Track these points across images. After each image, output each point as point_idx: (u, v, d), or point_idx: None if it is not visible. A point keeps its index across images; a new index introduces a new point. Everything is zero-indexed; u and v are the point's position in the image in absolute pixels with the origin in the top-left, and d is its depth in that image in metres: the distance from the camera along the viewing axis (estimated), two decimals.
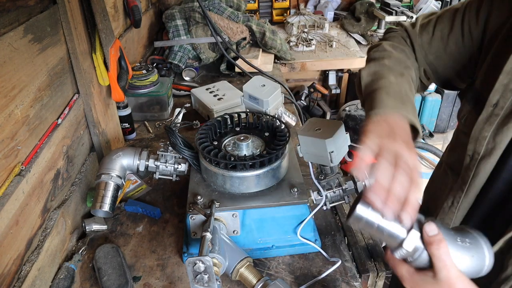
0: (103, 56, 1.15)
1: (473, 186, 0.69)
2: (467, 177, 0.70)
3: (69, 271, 0.95)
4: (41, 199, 0.92)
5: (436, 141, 2.67)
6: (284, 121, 1.09)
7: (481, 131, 0.67)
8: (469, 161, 0.70)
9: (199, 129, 1.02)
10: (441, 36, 0.82)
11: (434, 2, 2.88)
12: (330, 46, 2.66)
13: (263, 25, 2.13)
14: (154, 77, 1.56)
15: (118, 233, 1.08)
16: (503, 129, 0.64)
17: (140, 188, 1.23)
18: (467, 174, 0.70)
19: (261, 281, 0.83)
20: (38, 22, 0.92)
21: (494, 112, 0.65)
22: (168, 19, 2.05)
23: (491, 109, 0.66)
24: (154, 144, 1.47)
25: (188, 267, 0.75)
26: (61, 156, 1.02)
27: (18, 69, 0.83)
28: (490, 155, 0.66)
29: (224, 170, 0.93)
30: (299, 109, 1.75)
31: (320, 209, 0.96)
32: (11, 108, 0.81)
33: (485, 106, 0.66)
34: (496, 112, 0.65)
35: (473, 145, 0.68)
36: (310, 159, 0.93)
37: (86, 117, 1.18)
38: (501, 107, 0.64)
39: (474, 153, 0.68)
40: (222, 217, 0.94)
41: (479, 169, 0.68)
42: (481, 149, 0.67)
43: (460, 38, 0.78)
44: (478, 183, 0.69)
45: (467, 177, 0.70)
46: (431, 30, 0.83)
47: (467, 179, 0.70)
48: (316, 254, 1.01)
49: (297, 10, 3.08)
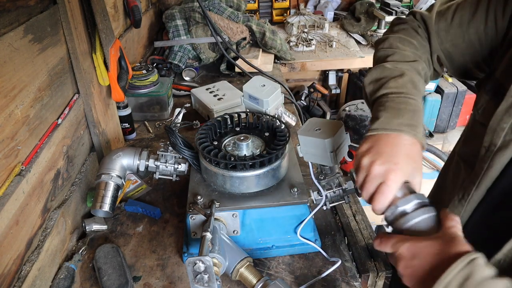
0: (103, 56, 1.15)
1: (485, 179, 0.68)
2: (481, 169, 0.68)
3: (69, 271, 0.95)
4: (41, 199, 0.92)
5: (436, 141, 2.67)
6: (284, 121, 1.09)
7: (500, 122, 0.65)
8: (484, 153, 0.67)
9: (199, 129, 1.03)
10: (460, 23, 0.78)
11: (434, 2, 2.88)
12: (330, 46, 2.66)
13: (263, 25, 2.14)
14: (154, 77, 1.57)
15: (118, 233, 1.09)
16: None
17: (140, 188, 1.23)
18: (481, 166, 0.68)
19: (261, 281, 0.83)
20: (38, 22, 0.92)
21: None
22: (168, 19, 2.05)
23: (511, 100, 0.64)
24: (154, 144, 1.47)
25: (188, 267, 0.75)
26: (61, 156, 1.02)
27: (18, 69, 0.84)
28: (507, 146, 0.64)
29: (224, 170, 0.93)
30: (299, 109, 1.76)
31: (320, 209, 0.96)
32: (11, 108, 0.81)
33: (506, 97, 0.64)
34: None
35: (490, 136, 0.66)
36: (310, 159, 0.93)
37: (86, 117, 1.18)
38: None
39: (491, 144, 0.66)
40: (222, 217, 0.94)
41: (494, 161, 0.66)
42: (498, 140, 0.65)
43: (482, 26, 0.75)
44: (491, 175, 0.67)
45: (480, 169, 0.68)
46: (450, 17, 0.80)
47: (480, 171, 0.68)
48: (316, 254, 1.01)
49: (297, 10, 3.08)
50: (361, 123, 2.29)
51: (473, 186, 0.70)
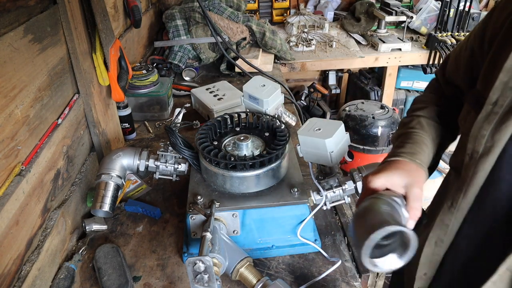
0: (103, 56, 1.15)
1: (472, 186, 0.69)
2: (467, 176, 0.70)
3: (69, 271, 0.95)
4: (41, 199, 0.92)
5: None
6: (284, 121, 1.09)
7: (480, 130, 0.66)
8: (468, 160, 0.69)
9: (199, 129, 1.03)
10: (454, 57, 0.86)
11: (434, 2, 2.88)
12: (330, 46, 2.66)
13: (263, 25, 2.14)
14: (154, 77, 1.57)
15: (118, 233, 1.09)
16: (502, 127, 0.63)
17: (140, 188, 1.23)
18: (467, 174, 0.70)
19: (261, 281, 0.83)
20: (38, 22, 0.92)
21: (493, 111, 0.65)
22: (168, 19, 2.06)
23: (490, 107, 0.65)
24: (154, 144, 1.47)
25: (188, 267, 0.75)
26: (61, 156, 1.02)
27: (18, 69, 0.84)
28: (488, 153, 0.65)
29: (224, 170, 0.93)
30: (299, 109, 1.76)
31: (320, 209, 0.96)
32: (11, 108, 0.81)
33: (485, 104, 0.66)
34: (495, 110, 0.64)
35: (472, 144, 0.68)
36: (310, 159, 0.93)
37: (86, 117, 1.18)
38: (500, 105, 0.64)
39: (473, 151, 0.68)
40: (222, 217, 0.94)
41: (478, 168, 0.67)
42: (480, 147, 0.66)
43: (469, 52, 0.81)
44: (477, 182, 0.68)
45: (466, 176, 0.70)
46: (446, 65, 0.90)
47: (466, 178, 0.70)
48: (316, 254, 1.01)
49: (297, 10, 3.09)
50: (361, 123, 2.28)
51: (460, 194, 0.71)
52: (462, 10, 2.56)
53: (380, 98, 2.94)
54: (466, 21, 2.61)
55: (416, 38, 2.84)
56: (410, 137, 0.82)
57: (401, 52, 2.61)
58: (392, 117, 2.30)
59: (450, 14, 2.60)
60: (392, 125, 2.25)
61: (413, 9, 3.04)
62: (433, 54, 2.57)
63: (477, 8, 3.07)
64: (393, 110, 2.37)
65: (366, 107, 2.39)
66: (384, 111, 2.34)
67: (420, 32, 2.90)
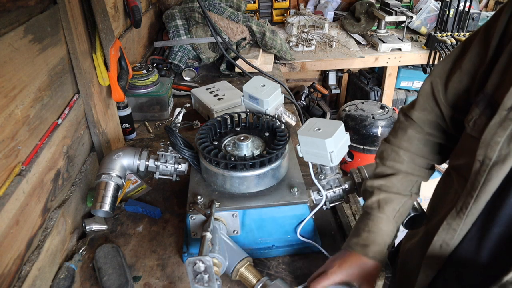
0: (103, 56, 1.16)
1: (483, 192, 0.67)
2: (477, 182, 0.67)
3: (69, 271, 0.95)
4: (42, 199, 0.92)
5: None
6: (284, 121, 1.09)
7: (493, 136, 0.64)
8: (479, 166, 0.67)
9: (199, 129, 1.03)
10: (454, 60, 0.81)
11: (434, 2, 2.88)
12: (330, 46, 2.66)
13: (263, 25, 2.14)
14: (154, 77, 1.57)
15: (118, 233, 1.09)
16: None
17: (140, 188, 1.23)
18: (477, 180, 0.67)
19: (261, 281, 0.83)
20: (38, 22, 0.92)
21: (509, 116, 0.62)
22: (168, 19, 2.06)
23: (505, 113, 0.63)
24: (154, 144, 1.47)
25: (188, 267, 0.75)
26: (61, 156, 1.03)
27: (18, 69, 0.84)
28: (504, 161, 0.63)
29: (224, 170, 0.93)
30: (299, 109, 1.76)
31: (320, 209, 0.96)
32: (11, 108, 0.81)
33: (499, 110, 0.64)
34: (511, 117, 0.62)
35: (484, 150, 0.66)
36: (310, 159, 0.93)
37: (86, 117, 1.18)
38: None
39: (485, 158, 0.65)
40: (222, 217, 0.94)
41: (491, 175, 0.65)
42: (493, 154, 0.64)
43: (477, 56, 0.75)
44: (489, 189, 0.66)
45: (477, 182, 0.67)
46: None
47: (477, 184, 0.67)
48: (316, 254, 1.01)
49: (297, 10, 3.09)
50: (361, 123, 2.29)
51: (471, 200, 0.69)
52: (462, 10, 2.57)
53: (380, 98, 2.94)
54: (466, 21, 2.61)
55: (416, 38, 2.84)
56: (366, 224, 0.86)
57: (401, 52, 2.61)
58: (392, 117, 2.30)
59: (450, 14, 2.60)
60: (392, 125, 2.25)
61: (413, 9, 3.04)
62: (433, 54, 2.57)
63: (477, 8, 3.07)
64: (393, 110, 2.38)
65: (366, 107, 2.39)
66: (384, 111, 2.34)
67: (420, 32, 2.91)
